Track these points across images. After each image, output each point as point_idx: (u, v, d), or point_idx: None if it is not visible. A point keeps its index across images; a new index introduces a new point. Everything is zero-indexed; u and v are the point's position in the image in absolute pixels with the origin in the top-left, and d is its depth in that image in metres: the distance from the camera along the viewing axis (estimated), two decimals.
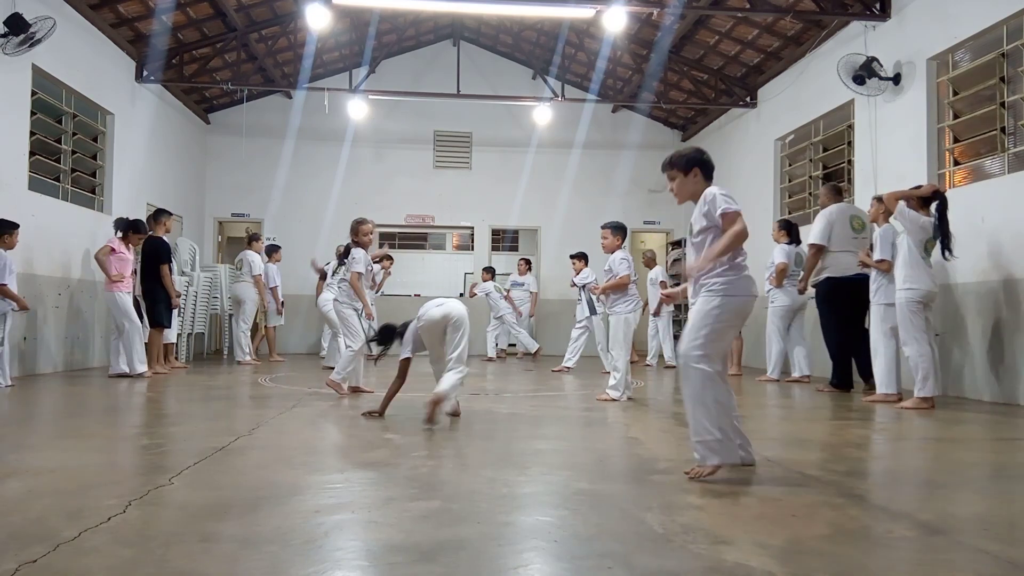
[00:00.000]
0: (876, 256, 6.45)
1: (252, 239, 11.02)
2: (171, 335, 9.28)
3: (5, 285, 6.74)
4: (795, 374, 8.42)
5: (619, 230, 6.66)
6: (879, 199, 6.53)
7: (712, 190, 3.43)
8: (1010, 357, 6.32)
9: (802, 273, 7.68)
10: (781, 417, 5.75)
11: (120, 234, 7.95)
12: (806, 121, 9.98)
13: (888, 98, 8.15)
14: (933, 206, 5.93)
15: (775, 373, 8.53)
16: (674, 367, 10.95)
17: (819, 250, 7.21)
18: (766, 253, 9.00)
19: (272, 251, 11.36)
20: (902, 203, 5.99)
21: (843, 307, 7.20)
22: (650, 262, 11.65)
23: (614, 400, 6.19)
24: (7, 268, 6.72)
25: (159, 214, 8.81)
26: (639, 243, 14.68)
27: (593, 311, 9.66)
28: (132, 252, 8.07)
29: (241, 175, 13.37)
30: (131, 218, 8.27)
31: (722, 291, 3.32)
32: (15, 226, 7.08)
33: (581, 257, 9.93)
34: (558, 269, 13.70)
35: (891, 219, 6.22)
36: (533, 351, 11.85)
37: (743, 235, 3.27)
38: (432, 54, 13.91)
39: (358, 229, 6.47)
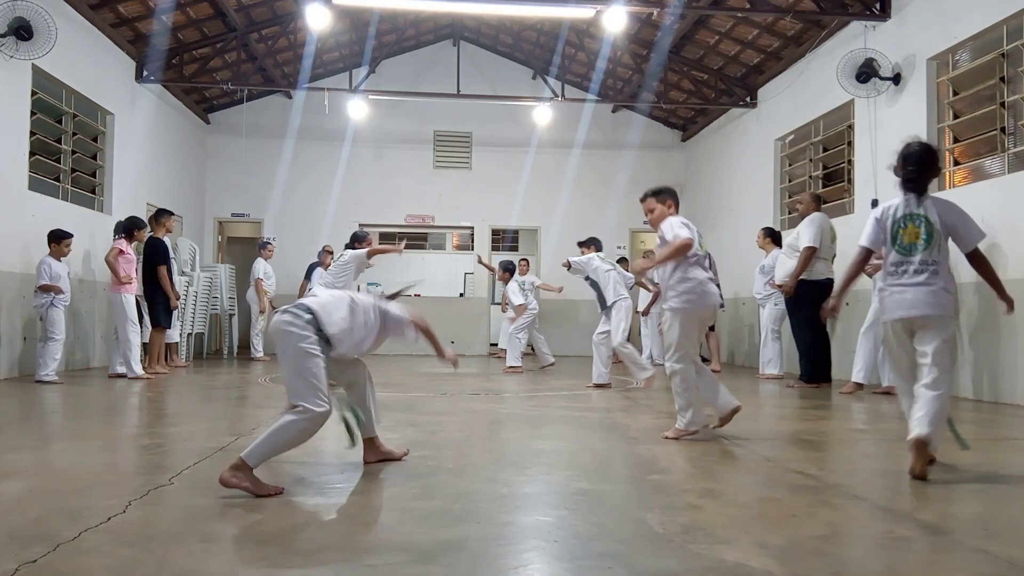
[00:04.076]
0: None
1: (260, 247, 11.36)
2: (173, 335, 9.31)
3: (45, 284, 7.19)
4: (772, 371, 8.84)
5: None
6: None
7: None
8: (1008, 357, 6.32)
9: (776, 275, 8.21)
10: (775, 416, 5.75)
11: (124, 235, 7.96)
12: (806, 121, 9.97)
13: (888, 98, 8.15)
14: None
15: (780, 370, 8.77)
16: (661, 365, 10.99)
17: (813, 252, 7.53)
18: (760, 256, 9.06)
19: (325, 254, 11.56)
20: None
21: (813, 308, 7.63)
22: None
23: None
24: (53, 273, 7.26)
25: (160, 214, 8.84)
26: (639, 243, 14.68)
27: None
28: (135, 251, 8.08)
29: (241, 175, 13.36)
30: (127, 218, 8.28)
31: None
32: (67, 235, 7.44)
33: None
34: (558, 269, 13.69)
35: None
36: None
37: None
38: (432, 54, 13.90)
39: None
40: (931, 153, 3.64)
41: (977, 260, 3.58)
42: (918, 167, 3.59)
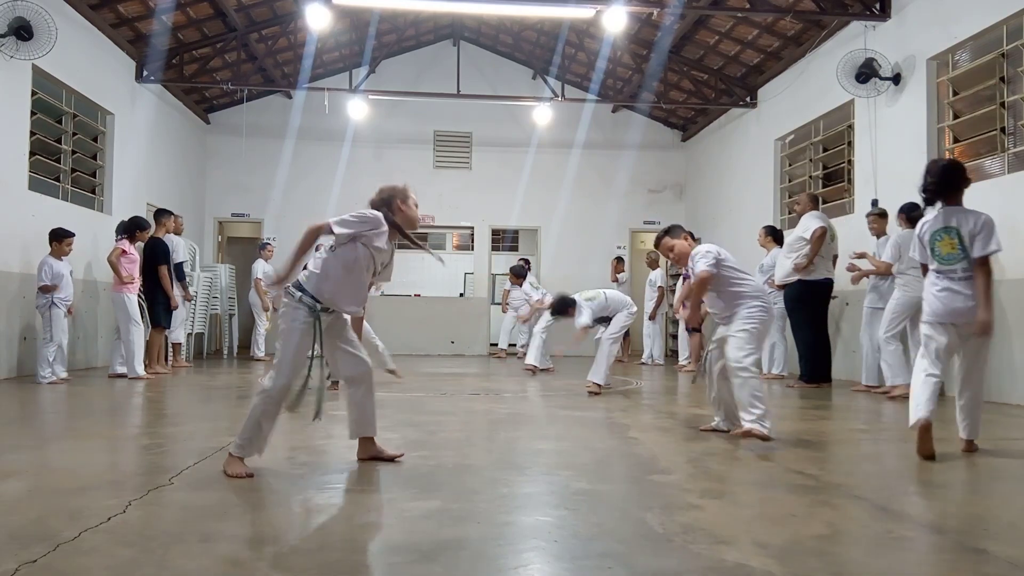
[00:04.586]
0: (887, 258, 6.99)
1: (260, 248, 11.37)
2: (179, 335, 9.33)
3: (44, 285, 7.17)
4: (774, 371, 8.78)
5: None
6: (879, 214, 7.39)
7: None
8: (1008, 357, 6.32)
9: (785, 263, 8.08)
10: (775, 416, 5.75)
11: (125, 235, 7.96)
12: (806, 121, 9.97)
13: (888, 98, 8.15)
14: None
15: (781, 370, 8.73)
16: (660, 365, 11.00)
17: (825, 232, 7.52)
18: (761, 255, 9.05)
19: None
20: (895, 231, 6.95)
21: (813, 308, 7.73)
22: (653, 263, 11.67)
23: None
24: (54, 273, 7.24)
25: (159, 214, 8.87)
26: (639, 243, 14.68)
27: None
28: (137, 251, 8.09)
29: (241, 175, 13.36)
30: (129, 218, 8.28)
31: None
32: (69, 234, 7.41)
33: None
34: (558, 269, 13.71)
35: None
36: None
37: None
38: (432, 54, 13.90)
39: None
40: (955, 167, 3.93)
41: (982, 267, 3.79)
42: (937, 180, 3.86)
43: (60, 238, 7.35)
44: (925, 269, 4.05)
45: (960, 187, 3.91)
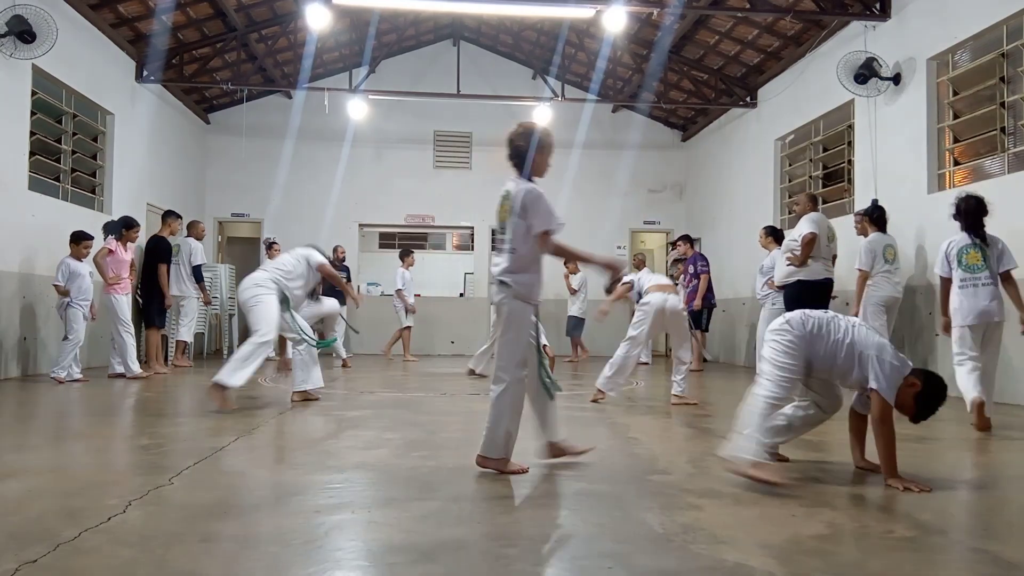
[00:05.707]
0: (857, 265, 7.14)
1: (268, 246, 11.24)
2: (186, 334, 9.34)
3: (56, 285, 7.21)
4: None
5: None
6: (861, 214, 7.50)
7: None
8: (1008, 357, 6.32)
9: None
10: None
11: (113, 235, 7.95)
12: (806, 121, 9.97)
13: (888, 98, 8.15)
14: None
15: None
16: (647, 364, 10.96)
17: (814, 238, 7.43)
18: (761, 255, 9.03)
19: (405, 255, 11.78)
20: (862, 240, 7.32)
21: (813, 308, 7.67)
22: (641, 264, 11.66)
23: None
24: (71, 272, 7.25)
25: (167, 215, 9.00)
26: (639, 243, 14.68)
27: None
28: (129, 252, 8.06)
29: (241, 175, 13.36)
30: (118, 218, 8.27)
31: None
32: (87, 237, 7.43)
33: None
34: (558, 269, 13.70)
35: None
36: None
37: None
38: (432, 54, 13.90)
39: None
40: (983, 204, 5.01)
41: (1006, 282, 4.84)
42: (976, 216, 4.95)
43: (78, 240, 7.38)
44: (947, 283, 4.99)
45: (983, 216, 4.97)
